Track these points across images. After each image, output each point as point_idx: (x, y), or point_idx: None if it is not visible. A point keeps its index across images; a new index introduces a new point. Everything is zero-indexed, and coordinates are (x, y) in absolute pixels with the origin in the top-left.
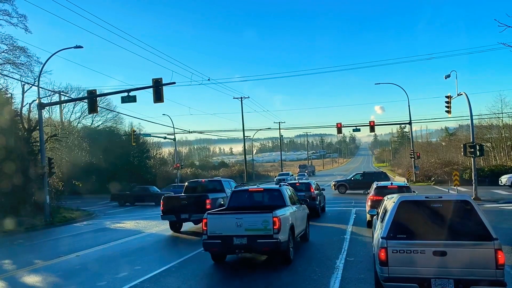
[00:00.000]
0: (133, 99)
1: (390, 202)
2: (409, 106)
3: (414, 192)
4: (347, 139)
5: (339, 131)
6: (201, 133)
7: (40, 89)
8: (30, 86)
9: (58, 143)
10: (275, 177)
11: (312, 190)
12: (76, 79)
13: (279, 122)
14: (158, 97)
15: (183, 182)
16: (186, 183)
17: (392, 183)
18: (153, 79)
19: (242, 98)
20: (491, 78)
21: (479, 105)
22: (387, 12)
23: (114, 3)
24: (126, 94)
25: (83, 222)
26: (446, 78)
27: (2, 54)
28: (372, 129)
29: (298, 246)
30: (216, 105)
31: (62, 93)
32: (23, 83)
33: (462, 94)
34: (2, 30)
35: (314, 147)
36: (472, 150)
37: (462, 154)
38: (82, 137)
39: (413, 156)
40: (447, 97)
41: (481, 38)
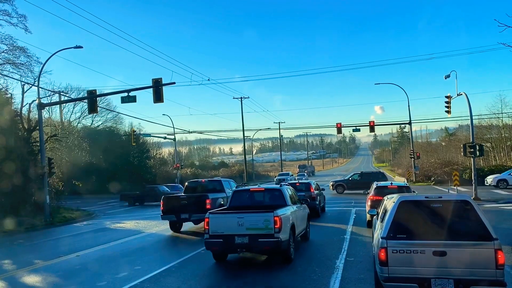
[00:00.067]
0: (133, 99)
1: (390, 202)
2: (409, 106)
3: (414, 192)
4: (347, 139)
5: (339, 131)
6: (201, 133)
7: (40, 89)
8: (30, 86)
9: (58, 143)
10: (275, 177)
11: (312, 190)
12: (76, 79)
13: (279, 122)
14: (158, 97)
15: (183, 182)
16: (186, 183)
17: (392, 183)
18: (153, 79)
19: (242, 98)
20: (491, 78)
21: (479, 105)
22: (387, 12)
23: (114, 3)
24: (126, 94)
25: (83, 222)
26: (446, 78)
27: (2, 54)
28: (372, 129)
29: (298, 246)
30: (216, 105)
31: (62, 93)
32: (23, 83)
33: (462, 94)
34: (2, 30)
35: (314, 147)
36: (472, 150)
37: (462, 154)
38: (82, 137)
39: (413, 156)
40: (447, 97)
41: (481, 38)
